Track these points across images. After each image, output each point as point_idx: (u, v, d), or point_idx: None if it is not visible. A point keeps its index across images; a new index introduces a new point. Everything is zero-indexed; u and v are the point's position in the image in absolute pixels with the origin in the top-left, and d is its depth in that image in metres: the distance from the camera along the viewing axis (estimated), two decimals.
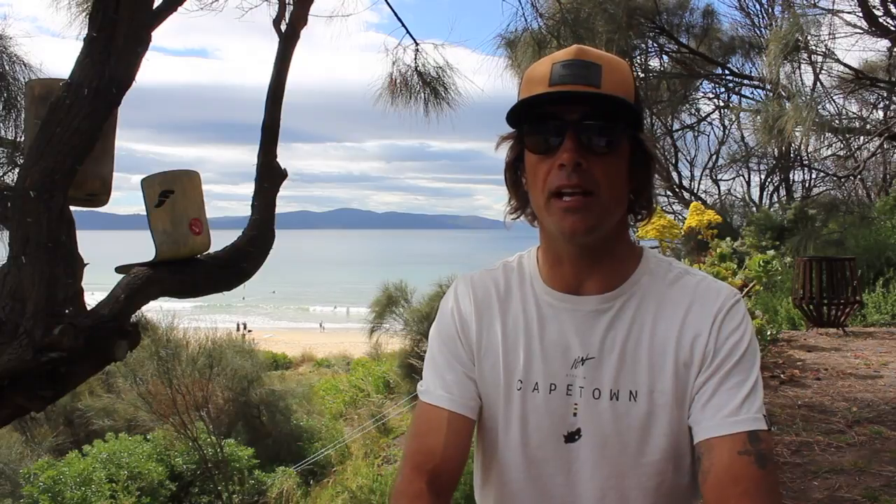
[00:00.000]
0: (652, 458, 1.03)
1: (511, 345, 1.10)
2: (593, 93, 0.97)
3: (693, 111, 15.67)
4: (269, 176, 3.22)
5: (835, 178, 15.30)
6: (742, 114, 14.53)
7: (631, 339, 1.05)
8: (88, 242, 2.71)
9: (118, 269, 2.68)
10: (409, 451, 1.10)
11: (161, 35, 2.60)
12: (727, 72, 13.81)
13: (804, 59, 9.98)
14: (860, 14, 9.42)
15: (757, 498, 0.93)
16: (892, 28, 9.77)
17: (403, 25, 5.10)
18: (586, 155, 0.97)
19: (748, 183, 16.65)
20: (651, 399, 1.03)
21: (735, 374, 1.01)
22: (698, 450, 1.00)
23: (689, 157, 16.45)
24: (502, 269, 1.16)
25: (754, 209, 15.35)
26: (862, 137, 11.82)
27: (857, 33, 9.74)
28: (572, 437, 1.05)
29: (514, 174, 1.09)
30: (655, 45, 12.80)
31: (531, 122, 1.01)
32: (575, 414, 1.05)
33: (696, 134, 16.26)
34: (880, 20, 9.64)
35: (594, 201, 0.98)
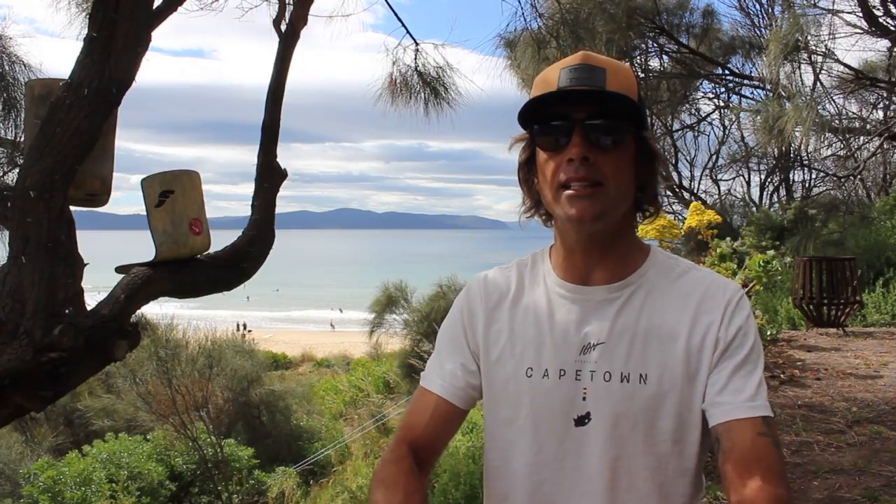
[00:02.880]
0: (660, 439, 1.08)
1: (521, 334, 1.15)
2: (598, 91, 1.04)
3: (693, 111, 15.68)
4: (269, 176, 3.22)
5: (835, 178, 15.29)
6: (742, 114, 14.53)
7: (641, 324, 1.10)
8: (88, 242, 2.71)
9: (118, 269, 2.68)
10: (400, 425, 1.23)
11: (158, 35, 2.61)
12: (727, 72, 13.81)
13: (804, 59, 9.98)
14: (860, 14, 9.42)
15: (777, 474, 1.00)
16: (892, 28, 9.77)
17: (403, 25, 5.10)
18: (593, 150, 1.04)
19: (748, 183, 16.68)
20: (661, 382, 1.07)
21: (748, 363, 1.07)
22: (716, 431, 1.05)
23: (689, 157, 16.48)
24: (515, 266, 1.23)
25: (754, 209, 15.35)
26: (862, 137, 11.82)
27: (857, 33, 9.75)
28: (582, 420, 1.09)
29: (527, 173, 1.15)
30: (655, 45, 12.81)
31: (541, 122, 1.08)
32: (584, 398, 1.09)
33: (696, 134, 16.27)
34: (880, 20, 9.64)
35: (601, 191, 1.04)
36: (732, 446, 1.02)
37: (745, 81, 13.74)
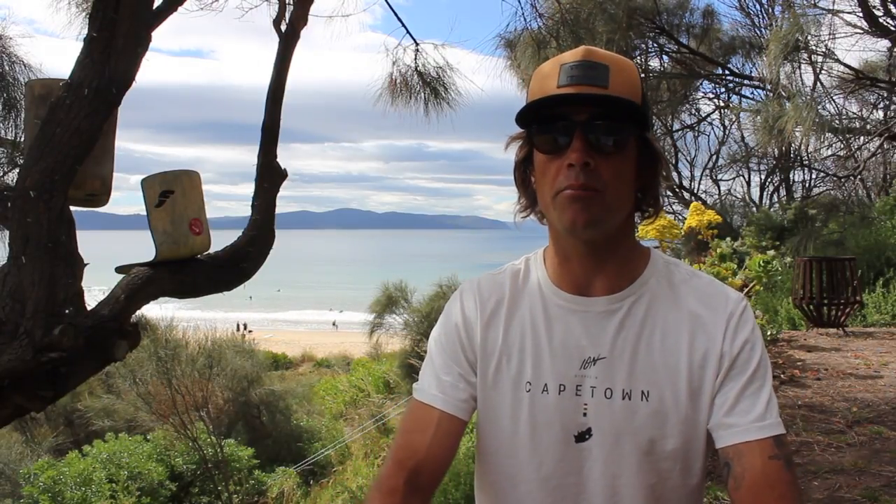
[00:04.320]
0: (662, 456, 1.05)
1: (519, 347, 1.10)
2: (601, 94, 0.99)
3: (693, 111, 15.68)
4: (269, 176, 3.21)
5: (835, 178, 15.30)
6: (742, 114, 14.53)
7: (643, 339, 1.06)
8: (88, 242, 2.71)
9: (118, 269, 2.68)
10: (395, 446, 1.11)
11: (156, 36, 2.59)
12: (727, 72, 13.80)
13: (804, 59, 9.97)
14: (860, 14, 9.42)
15: (791, 500, 0.97)
16: (892, 28, 9.76)
17: (403, 25, 5.10)
18: (594, 155, 0.99)
19: (748, 183, 16.70)
20: (663, 399, 1.04)
21: (756, 379, 1.04)
22: (726, 455, 1.02)
23: (689, 157, 16.51)
24: (509, 272, 1.17)
25: (754, 209, 15.36)
26: (862, 137, 11.82)
27: (857, 33, 9.74)
28: (583, 436, 1.06)
29: (524, 173, 1.10)
30: (655, 45, 12.80)
31: (540, 122, 1.03)
32: (585, 414, 1.06)
33: (696, 134, 16.29)
34: (880, 20, 9.64)
35: (599, 197, 0.99)
36: (743, 472, 0.99)
37: (745, 81, 13.73)
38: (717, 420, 1.03)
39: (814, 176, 15.99)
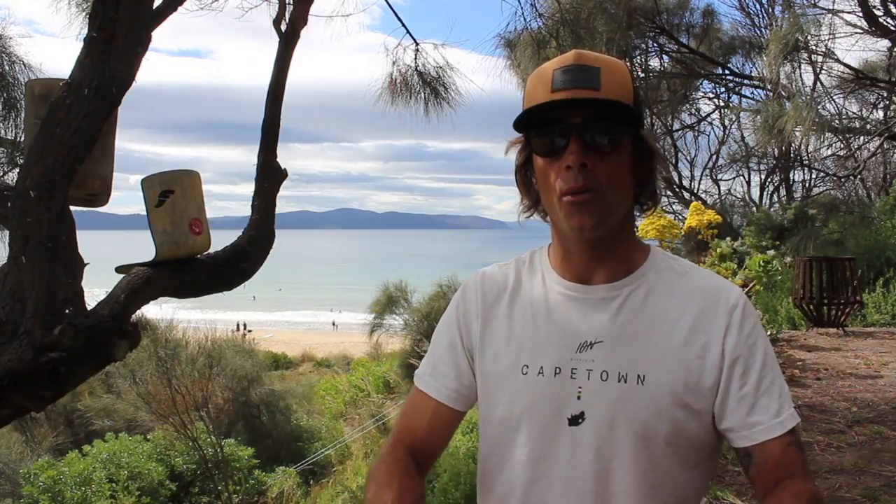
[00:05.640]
0: (655, 441, 1.06)
1: (518, 332, 1.14)
2: (593, 98, 1.02)
3: (693, 111, 15.69)
4: (269, 176, 3.21)
5: (835, 178, 15.31)
6: (742, 114, 14.54)
7: (640, 325, 1.09)
8: (88, 242, 2.71)
9: (118, 269, 2.68)
10: (396, 427, 1.22)
11: (155, 36, 2.59)
12: (727, 72, 13.80)
13: (804, 59, 9.99)
14: (860, 14, 9.43)
15: (806, 474, 1.06)
16: (892, 28, 9.77)
17: (403, 25, 5.10)
18: (590, 155, 1.03)
19: (748, 183, 16.71)
20: (659, 383, 1.06)
21: (766, 373, 1.07)
22: (746, 449, 1.06)
23: (689, 157, 16.50)
24: (515, 263, 1.22)
25: (754, 209, 15.36)
26: (862, 137, 11.83)
27: (857, 33, 9.76)
28: (576, 419, 1.08)
29: (525, 175, 1.15)
30: (655, 45, 12.80)
31: (537, 127, 1.07)
32: (579, 397, 1.08)
33: (696, 134, 16.29)
34: (880, 20, 9.64)
35: (600, 198, 1.03)
36: (766, 460, 1.05)
37: (745, 81, 13.74)
38: (740, 420, 1.06)
39: (814, 176, 16.01)
